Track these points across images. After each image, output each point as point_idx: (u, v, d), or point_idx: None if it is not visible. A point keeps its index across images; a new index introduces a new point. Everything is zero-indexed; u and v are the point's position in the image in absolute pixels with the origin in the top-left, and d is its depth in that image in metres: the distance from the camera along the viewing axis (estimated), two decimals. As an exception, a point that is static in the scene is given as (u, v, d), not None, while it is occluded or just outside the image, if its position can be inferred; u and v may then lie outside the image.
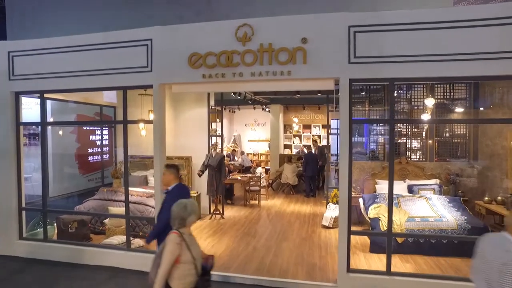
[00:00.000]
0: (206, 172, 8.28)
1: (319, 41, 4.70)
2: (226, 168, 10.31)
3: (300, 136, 17.67)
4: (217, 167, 8.13)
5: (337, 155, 15.93)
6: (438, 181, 7.55)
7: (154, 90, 5.29)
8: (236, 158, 15.44)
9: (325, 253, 6.17)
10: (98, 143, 12.08)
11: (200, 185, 8.68)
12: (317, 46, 4.70)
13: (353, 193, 7.89)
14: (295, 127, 14.39)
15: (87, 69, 5.56)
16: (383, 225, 5.97)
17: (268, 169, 16.29)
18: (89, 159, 11.53)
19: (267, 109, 16.54)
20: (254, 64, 4.81)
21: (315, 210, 9.42)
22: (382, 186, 7.53)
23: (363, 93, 8.58)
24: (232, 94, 10.26)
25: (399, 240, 5.82)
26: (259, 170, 10.34)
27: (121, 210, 6.51)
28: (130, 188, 7.19)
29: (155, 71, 5.21)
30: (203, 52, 4.96)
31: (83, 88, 5.82)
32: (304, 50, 4.69)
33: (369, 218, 6.62)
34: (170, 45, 5.14)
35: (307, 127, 17.28)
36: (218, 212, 8.45)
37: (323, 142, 17.54)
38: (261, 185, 10.11)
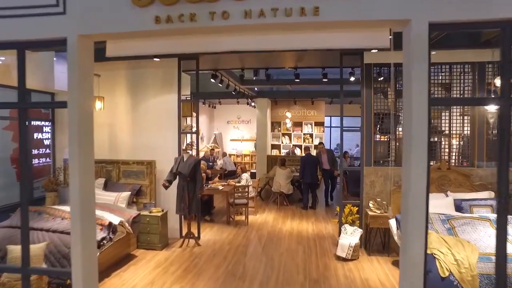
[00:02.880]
0: (176, 183, 6.02)
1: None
2: (204, 174, 8.06)
3: (289, 135, 15.57)
4: (190, 176, 5.87)
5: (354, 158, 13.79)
6: (492, 193, 5.56)
7: (70, 46, 2.98)
8: (217, 160, 13.18)
9: (354, 310, 4.04)
10: (47, 142, 9.57)
11: (168, 200, 6.41)
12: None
13: (377, 210, 5.81)
14: (288, 123, 12.26)
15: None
16: (443, 266, 3.89)
17: (254, 173, 14.11)
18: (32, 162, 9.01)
19: (252, 104, 14.37)
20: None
21: (320, 229, 7.29)
22: (418, 202, 5.47)
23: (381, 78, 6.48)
24: (211, 79, 8.00)
25: (469, 291, 3.77)
26: (245, 176, 8.14)
27: (36, 248, 4.13)
28: (61, 207, 4.89)
29: (71, 14, 2.93)
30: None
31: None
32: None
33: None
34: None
35: (297, 124, 15.20)
36: (192, 235, 6.19)
37: (316, 142, 15.53)
38: (249, 195, 7.95)
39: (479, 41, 5.43)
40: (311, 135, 15.51)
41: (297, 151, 14.74)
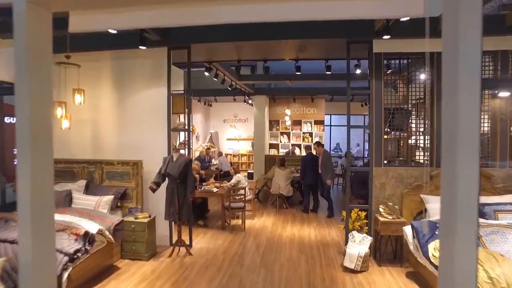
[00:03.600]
0: (165, 185, 5.42)
1: None
2: (197, 175, 7.46)
3: (288, 134, 14.99)
4: (180, 177, 5.26)
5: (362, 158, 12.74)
6: (517, 197, 4.99)
7: (17, 17, 2.38)
8: (213, 160, 12.59)
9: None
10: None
11: (156, 204, 5.81)
12: None
13: (388, 216, 5.23)
14: (287, 121, 11.68)
15: None
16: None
17: (251, 173, 13.52)
18: (14, 161, 8.39)
19: (249, 101, 13.77)
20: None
21: (323, 235, 6.70)
22: (435, 207, 4.89)
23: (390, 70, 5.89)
24: (205, 72, 7.40)
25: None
26: (239, 178, 7.51)
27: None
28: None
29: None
30: None
31: None
32: None
33: (431, 263, 3.97)
34: None
35: (296, 123, 14.62)
36: (182, 243, 5.58)
37: (316, 141, 14.94)
38: (246, 198, 7.34)
39: (503, 28, 4.87)
40: (310, 134, 14.94)
41: (297, 151, 14.16)
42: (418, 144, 5.60)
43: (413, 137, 5.65)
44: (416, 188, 5.31)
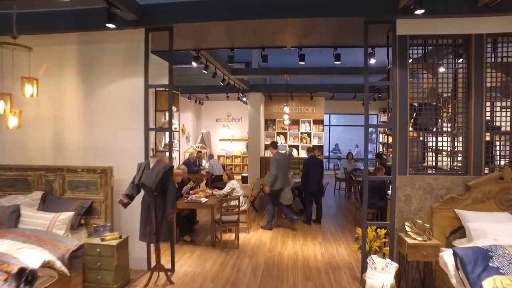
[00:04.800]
0: (140, 197, 4.35)
1: None
2: (182, 184, 6.39)
3: (285, 134, 13.98)
4: (158, 189, 4.20)
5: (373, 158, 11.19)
6: None
7: None
8: (203, 163, 11.53)
9: None
10: None
11: (130, 220, 4.75)
12: None
13: (417, 237, 4.22)
14: (286, 120, 10.67)
15: None
16: None
17: (246, 176, 12.49)
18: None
19: (244, 99, 12.76)
20: None
21: (331, 253, 5.68)
22: (479, 227, 3.90)
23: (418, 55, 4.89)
24: (192, 62, 6.35)
25: None
26: (233, 185, 6.49)
27: None
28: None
29: None
30: None
31: None
32: None
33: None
34: None
35: (294, 122, 13.62)
36: (161, 269, 4.51)
37: (314, 142, 13.97)
38: (241, 209, 6.32)
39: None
40: (309, 134, 13.96)
41: (294, 152, 13.15)
42: (451, 147, 4.60)
43: (444, 138, 4.65)
44: (450, 202, 4.31)
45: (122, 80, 4.92)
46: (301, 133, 13.98)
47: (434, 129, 4.63)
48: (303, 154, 13.89)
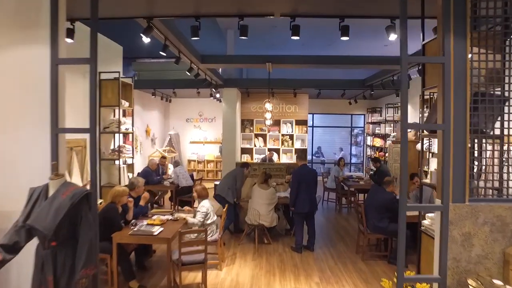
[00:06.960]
0: (33, 246, 2.54)
1: None
2: (128, 208, 4.59)
3: (264, 137, 12.34)
4: (60, 235, 2.41)
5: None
6: None
7: None
8: (170, 170, 9.72)
9: None
10: None
11: (16, 282, 2.92)
12: None
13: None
14: (267, 119, 9.02)
15: None
16: None
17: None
18: None
19: (217, 95, 11.03)
20: None
21: (336, 305, 4.07)
22: None
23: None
24: (141, 34, 4.56)
25: None
26: (207, 208, 4.79)
27: None
28: None
29: None
30: None
31: None
32: None
33: None
34: None
35: (275, 123, 11.99)
36: None
37: (297, 145, 12.42)
38: (212, 238, 4.60)
39: None
40: (291, 137, 12.39)
41: (275, 157, 11.53)
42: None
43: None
44: (534, 245, 2.79)
45: (12, 48, 3.05)
46: (282, 135, 12.39)
47: (498, 132, 3.08)
48: (285, 159, 12.31)
